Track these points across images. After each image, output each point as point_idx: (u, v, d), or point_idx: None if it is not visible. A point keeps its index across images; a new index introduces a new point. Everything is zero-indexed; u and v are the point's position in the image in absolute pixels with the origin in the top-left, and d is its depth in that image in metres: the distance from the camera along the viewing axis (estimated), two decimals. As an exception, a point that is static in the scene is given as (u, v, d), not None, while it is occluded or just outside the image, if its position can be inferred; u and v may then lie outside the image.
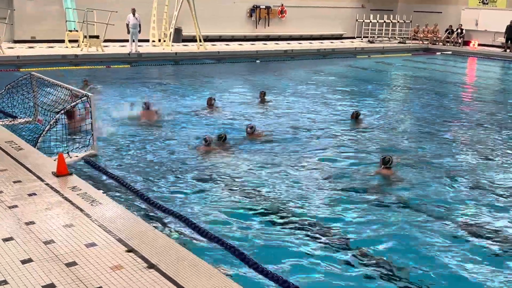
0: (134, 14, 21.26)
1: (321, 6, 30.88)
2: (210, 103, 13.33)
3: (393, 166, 8.69)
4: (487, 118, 13.59)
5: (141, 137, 10.55)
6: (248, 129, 10.80)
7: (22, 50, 20.76)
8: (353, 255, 6.03)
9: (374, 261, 5.91)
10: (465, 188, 8.38)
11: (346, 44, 29.85)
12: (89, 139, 8.82)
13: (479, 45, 30.03)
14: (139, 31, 21.48)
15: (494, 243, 6.50)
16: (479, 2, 30.75)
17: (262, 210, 7.20)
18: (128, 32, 21.40)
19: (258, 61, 23.52)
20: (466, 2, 31.22)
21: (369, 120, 12.85)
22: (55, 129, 8.62)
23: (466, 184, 8.52)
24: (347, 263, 5.88)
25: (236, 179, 8.34)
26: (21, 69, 17.00)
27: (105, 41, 21.78)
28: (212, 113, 12.90)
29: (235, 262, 5.58)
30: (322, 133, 11.41)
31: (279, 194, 7.81)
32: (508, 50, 27.96)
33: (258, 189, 7.96)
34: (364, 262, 5.91)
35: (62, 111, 8.61)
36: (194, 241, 6.08)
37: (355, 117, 12.56)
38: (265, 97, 14.63)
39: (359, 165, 9.29)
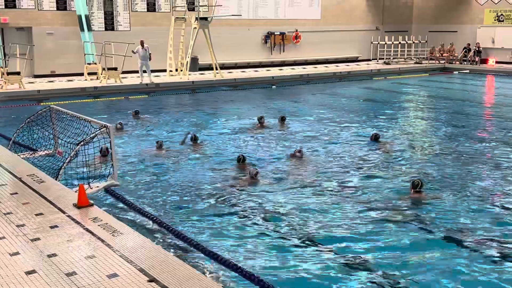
0: (143, 46, 21.56)
1: (335, 30, 31.08)
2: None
3: (423, 189, 8.54)
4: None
5: (161, 166, 10.56)
6: (297, 153, 10.91)
7: (42, 84, 21.11)
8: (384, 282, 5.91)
9: None
10: (496, 210, 8.18)
11: (362, 66, 29.88)
12: (109, 170, 8.86)
13: (496, 62, 29.84)
14: (150, 58, 21.73)
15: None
16: (495, 20, 30.65)
17: (288, 239, 7.09)
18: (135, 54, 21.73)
19: (274, 86, 23.62)
20: (481, 20, 31.14)
21: (391, 141, 12.72)
22: (75, 161, 8.67)
23: (495, 205, 8.33)
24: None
25: (260, 206, 8.27)
26: (41, 103, 17.27)
27: (123, 72, 22.10)
28: (232, 140, 12.91)
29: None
30: (343, 156, 11.31)
31: (303, 220, 7.71)
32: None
33: (284, 217, 7.85)
34: None
35: (82, 143, 8.67)
36: (216, 270, 6.00)
37: (374, 139, 12.48)
38: (284, 122, 14.66)
39: (386, 188, 9.17)
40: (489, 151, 12.01)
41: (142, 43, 21.60)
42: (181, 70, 23.93)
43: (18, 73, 19.99)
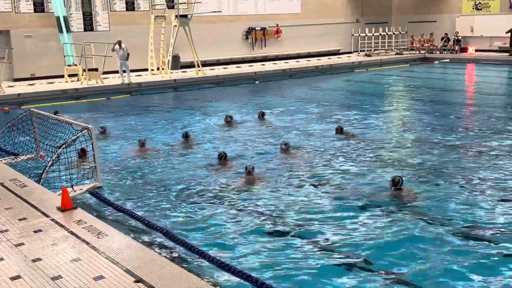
0: (120, 46, 21.37)
1: (316, 23, 31.17)
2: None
3: (403, 186, 8.38)
4: (494, 123, 13.47)
5: (144, 166, 10.51)
6: (283, 145, 11.09)
7: (22, 88, 20.90)
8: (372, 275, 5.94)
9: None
10: (482, 196, 8.24)
11: (344, 59, 29.97)
12: (93, 172, 8.81)
13: (476, 50, 30.12)
14: (127, 58, 21.49)
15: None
16: (473, 9, 30.92)
17: (273, 232, 7.10)
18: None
19: (257, 82, 23.61)
20: (460, 10, 31.42)
21: (373, 132, 12.81)
22: (58, 164, 8.61)
23: (479, 192, 8.40)
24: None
25: (243, 200, 8.28)
26: (22, 107, 17.10)
27: (104, 73, 21.94)
28: (216, 137, 12.90)
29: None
30: (326, 150, 11.34)
31: (284, 214, 7.74)
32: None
33: (268, 211, 7.87)
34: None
35: (64, 146, 8.61)
36: (203, 268, 6.00)
37: (340, 131, 12.55)
38: (264, 117, 14.72)
39: (368, 180, 9.19)
40: (471, 139, 12.11)
41: (119, 43, 21.40)
42: (163, 69, 23.83)
43: (-3, 77, 19.77)
